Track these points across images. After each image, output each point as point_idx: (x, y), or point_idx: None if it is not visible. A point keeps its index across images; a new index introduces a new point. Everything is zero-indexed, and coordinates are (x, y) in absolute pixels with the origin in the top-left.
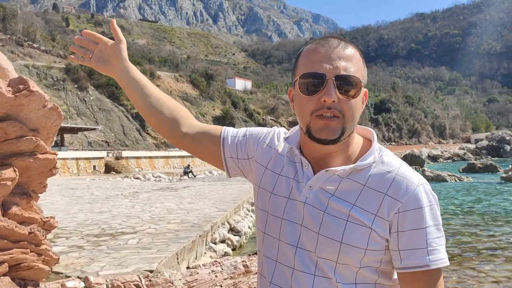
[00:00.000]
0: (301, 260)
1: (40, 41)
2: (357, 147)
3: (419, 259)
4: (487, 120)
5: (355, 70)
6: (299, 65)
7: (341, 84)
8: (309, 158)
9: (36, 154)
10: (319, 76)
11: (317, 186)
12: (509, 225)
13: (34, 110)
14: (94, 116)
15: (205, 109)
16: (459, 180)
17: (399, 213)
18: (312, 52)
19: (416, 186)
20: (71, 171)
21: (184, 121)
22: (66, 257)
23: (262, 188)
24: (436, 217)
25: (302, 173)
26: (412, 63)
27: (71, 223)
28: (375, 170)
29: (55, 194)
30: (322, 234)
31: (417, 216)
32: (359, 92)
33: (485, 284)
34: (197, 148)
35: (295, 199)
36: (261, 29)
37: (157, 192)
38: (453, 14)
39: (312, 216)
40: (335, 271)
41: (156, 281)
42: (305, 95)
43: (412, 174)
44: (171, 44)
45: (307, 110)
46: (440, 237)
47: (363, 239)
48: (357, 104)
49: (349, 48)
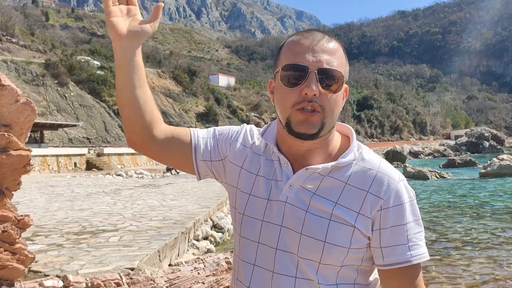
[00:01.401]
0: (281, 263)
1: (19, 35)
2: (337, 144)
3: (401, 255)
4: (467, 116)
5: (338, 65)
6: (281, 56)
7: (323, 78)
8: (288, 155)
9: (8, 150)
10: (301, 68)
11: (297, 185)
12: (487, 219)
13: (6, 105)
14: (75, 112)
15: (188, 105)
16: (440, 177)
17: (382, 210)
18: (295, 44)
19: (397, 183)
20: (51, 168)
21: (158, 123)
22: (45, 256)
23: (239, 190)
24: (415, 212)
25: (281, 172)
26: (394, 61)
27: (51, 221)
28: (356, 168)
29: (34, 191)
30: (305, 234)
31: (399, 212)
32: (341, 87)
33: (465, 277)
34: (164, 152)
35: (275, 199)
36: (244, 25)
37: (139, 189)
38: (434, 12)
39: (293, 216)
40: (318, 272)
41: (138, 279)
42: (287, 87)
43: (392, 171)
44: (154, 40)
45: (288, 103)
46: (420, 232)
47: (347, 238)
48: (338, 99)
49: (332, 42)
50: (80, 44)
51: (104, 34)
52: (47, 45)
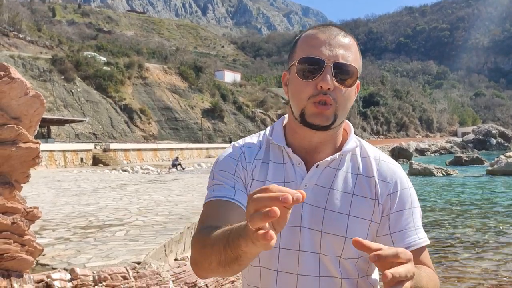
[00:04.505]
0: (305, 264)
1: (26, 31)
2: (341, 136)
3: (410, 238)
4: (474, 114)
5: (353, 60)
6: (297, 49)
7: (338, 72)
8: (300, 150)
9: (18, 143)
10: (317, 61)
11: (312, 184)
12: (494, 217)
13: (16, 98)
14: (82, 108)
15: (194, 101)
16: (446, 174)
17: (391, 194)
18: (312, 37)
19: (399, 169)
20: (58, 163)
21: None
22: (53, 249)
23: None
24: (416, 198)
25: (294, 173)
26: (400, 57)
27: (58, 215)
28: (360, 157)
29: (41, 186)
30: (326, 231)
31: (405, 196)
32: (355, 82)
33: (470, 276)
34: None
35: None
36: (250, 21)
37: (145, 184)
38: (441, 8)
39: (312, 215)
40: (340, 267)
41: (144, 272)
42: (302, 79)
43: (391, 159)
44: (160, 36)
45: (304, 95)
46: (420, 217)
47: (365, 229)
48: (351, 94)
49: (348, 37)
50: (86, 39)
51: (111, 30)
52: (54, 41)
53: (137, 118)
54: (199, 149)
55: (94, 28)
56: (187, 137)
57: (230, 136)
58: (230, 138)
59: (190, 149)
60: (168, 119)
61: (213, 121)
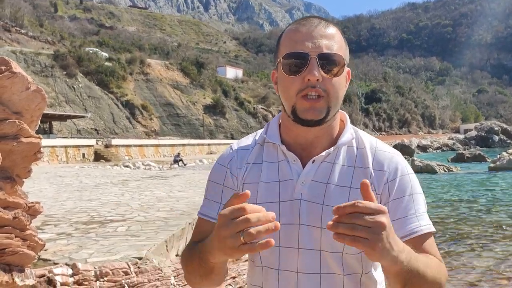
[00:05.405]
0: (305, 261)
1: (28, 26)
2: (337, 129)
3: (411, 224)
4: (476, 110)
5: (337, 48)
6: (281, 47)
7: (324, 63)
8: (295, 146)
9: (19, 137)
10: (302, 55)
11: (309, 180)
12: (496, 213)
13: (17, 92)
14: (83, 103)
15: (196, 97)
16: (448, 170)
17: (388, 182)
18: (294, 32)
19: (396, 156)
20: (60, 159)
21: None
22: (54, 244)
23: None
24: (417, 184)
25: (290, 170)
26: (403, 53)
27: (60, 210)
28: (357, 149)
29: (43, 181)
30: (325, 227)
31: (404, 183)
32: (342, 70)
33: (473, 272)
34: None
35: (288, 199)
36: (252, 17)
37: (147, 180)
38: (444, 4)
39: (310, 212)
40: (343, 263)
41: (145, 268)
42: (289, 75)
43: (390, 148)
44: (162, 32)
45: (292, 91)
46: (424, 205)
47: None
48: (341, 83)
49: (330, 26)
50: (88, 35)
51: (112, 25)
52: (56, 36)
53: (138, 114)
54: (200, 145)
55: (96, 24)
56: (189, 133)
57: (231, 132)
58: (231, 134)
59: (191, 145)
60: (169, 115)
61: (215, 117)
